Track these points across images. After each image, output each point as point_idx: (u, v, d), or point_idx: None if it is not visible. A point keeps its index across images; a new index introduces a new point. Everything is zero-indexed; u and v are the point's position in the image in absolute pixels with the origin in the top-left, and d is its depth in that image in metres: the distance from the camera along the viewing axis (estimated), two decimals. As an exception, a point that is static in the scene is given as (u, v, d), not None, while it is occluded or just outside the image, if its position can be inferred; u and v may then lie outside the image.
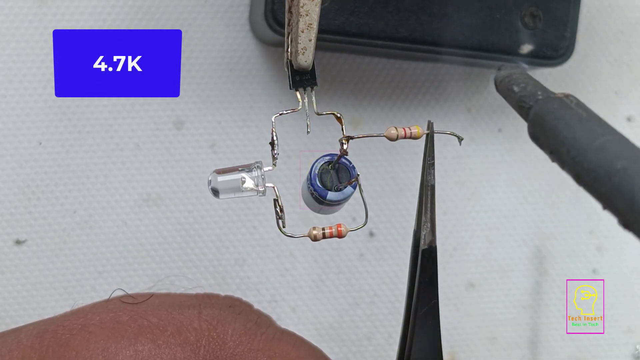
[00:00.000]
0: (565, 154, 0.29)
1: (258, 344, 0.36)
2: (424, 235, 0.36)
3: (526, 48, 0.52)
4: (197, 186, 0.55)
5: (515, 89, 0.34)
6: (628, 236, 0.62)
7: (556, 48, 0.52)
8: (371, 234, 0.58)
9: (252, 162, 0.35)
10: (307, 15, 0.34)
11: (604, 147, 0.27)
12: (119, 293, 0.38)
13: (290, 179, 0.56)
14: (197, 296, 0.41)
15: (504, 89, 0.34)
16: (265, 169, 0.35)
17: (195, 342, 0.35)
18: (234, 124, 0.55)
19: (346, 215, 0.57)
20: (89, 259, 0.54)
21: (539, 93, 0.32)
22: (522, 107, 0.33)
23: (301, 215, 0.54)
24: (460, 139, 0.37)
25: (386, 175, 0.58)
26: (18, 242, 0.53)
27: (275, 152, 0.35)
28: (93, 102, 0.53)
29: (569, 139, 0.29)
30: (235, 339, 0.35)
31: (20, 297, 0.53)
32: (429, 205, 0.37)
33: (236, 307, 0.37)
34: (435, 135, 0.36)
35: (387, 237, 0.58)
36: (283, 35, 0.36)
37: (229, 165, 0.55)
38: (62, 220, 0.53)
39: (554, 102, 0.31)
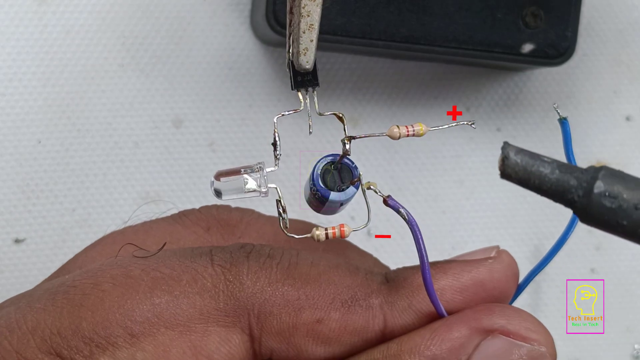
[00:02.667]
0: None
1: (276, 276, 0.35)
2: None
3: (527, 47, 0.52)
4: (196, 184, 0.55)
5: (546, 171, 0.29)
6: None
7: (557, 47, 0.52)
8: (369, 233, 0.58)
9: (255, 163, 0.35)
10: (308, 16, 0.34)
11: None
12: (128, 248, 0.37)
13: (290, 179, 0.56)
14: (205, 242, 0.41)
15: (530, 158, 0.29)
16: (268, 169, 0.35)
17: (213, 287, 0.34)
18: (233, 123, 0.55)
19: (345, 214, 0.57)
20: (87, 258, 0.54)
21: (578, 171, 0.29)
22: (572, 172, 0.29)
23: (300, 215, 0.54)
24: (471, 123, 0.36)
25: (385, 174, 0.58)
26: (17, 241, 0.53)
27: (278, 152, 0.35)
28: (92, 101, 0.53)
29: None
30: (252, 277, 0.34)
31: (19, 296, 0.53)
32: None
33: (246, 246, 0.36)
34: (433, 133, 0.36)
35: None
36: (284, 35, 0.36)
37: (228, 163, 0.55)
38: (61, 218, 0.53)
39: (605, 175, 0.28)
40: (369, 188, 0.35)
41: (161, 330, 0.33)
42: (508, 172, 0.30)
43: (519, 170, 0.30)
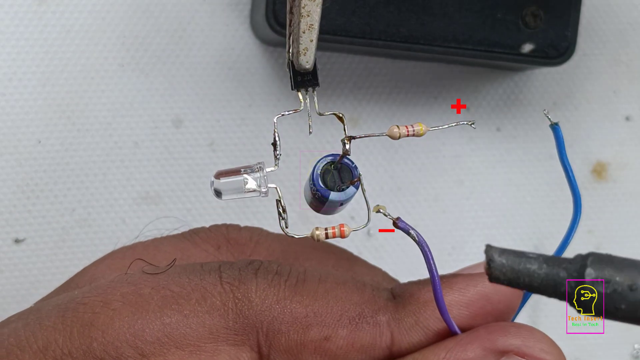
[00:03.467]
0: None
1: (284, 293, 0.35)
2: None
3: (527, 47, 0.52)
4: (196, 184, 0.55)
5: (533, 267, 0.29)
6: (626, 235, 0.62)
7: (557, 47, 0.52)
8: (369, 234, 0.58)
9: (254, 163, 0.35)
10: (308, 15, 0.34)
11: None
12: (138, 264, 0.37)
13: (290, 179, 0.56)
14: (211, 252, 0.41)
15: (515, 257, 0.29)
16: (268, 169, 0.35)
17: (222, 306, 0.34)
18: (233, 123, 0.55)
19: (345, 214, 0.57)
20: (87, 257, 0.54)
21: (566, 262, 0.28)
22: (561, 264, 0.28)
23: (301, 215, 0.54)
24: (471, 123, 0.36)
25: (384, 174, 0.58)
26: (17, 241, 0.53)
27: (278, 152, 0.35)
28: (92, 101, 0.53)
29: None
30: (260, 294, 0.34)
31: (19, 296, 0.53)
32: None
33: (254, 263, 0.36)
34: (433, 133, 0.36)
35: (385, 237, 0.58)
36: (284, 35, 0.36)
37: (227, 163, 0.55)
38: (61, 218, 0.53)
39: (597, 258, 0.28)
40: (378, 211, 0.35)
41: (172, 350, 0.33)
42: (496, 274, 0.29)
43: (506, 272, 0.29)
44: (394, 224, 0.34)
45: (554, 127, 0.38)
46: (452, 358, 0.35)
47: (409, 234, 0.34)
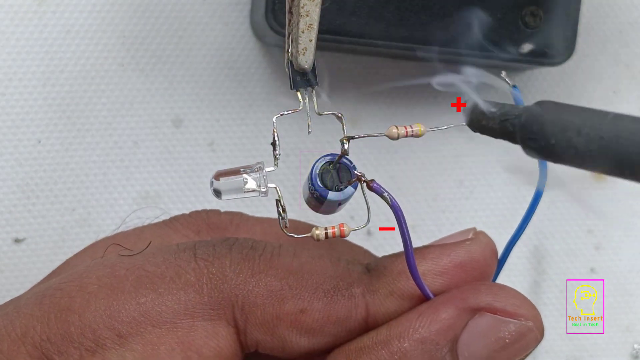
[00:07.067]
0: (575, 136, 0.28)
1: (259, 267, 0.35)
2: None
3: (527, 47, 0.52)
4: (196, 184, 0.55)
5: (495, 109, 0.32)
6: (625, 234, 0.62)
7: (557, 47, 0.52)
8: (369, 233, 0.58)
9: (254, 162, 0.35)
10: (307, 15, 0.34)
11: (618, 116, 0.27)
12: (115, 249, 0.38)
13: (290, 178, 0.56)
14: (191, 238, 0.41)
15: (480, 114, 0.33)
16: (268, 169, 0.35)
17: (196, 282, 0.34)
18: (233, 122, 0.55)
19: (345, 214, 0.57)
20: (87, 258, 0.54)
21: (521, 106, 0.31)
22: (507, 119, 0.32)
23: (300, 215, 0.54)
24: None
25: (384, 174, 0.58)
26: (17, 241, 0.53)
27: (277, 152, 0.35)
28: (92, 101, 0.53)
29: (578, 121, 0.29)
30: (235, 269, 0.35)
31: (19, 296, 0.53)
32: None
33: (229, 240, 0.37)
34: (433, 133, 0.36)
35: (385, 236, 0.58)
36: (284, 35, 0.36)
37: (227, 163, 0.55)
38: (61, 218, 0.53)
39: (546, 103, 0.30)
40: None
41: (148, 329, 0.34)
42: (473, 125, 0.35)
43: (478, 122, 0.35)
44: (368, 185, 0.34)
45: (514, 88, 0.39)
46: (425, 321, 0.35)
47: (382, 196, 0.34)
